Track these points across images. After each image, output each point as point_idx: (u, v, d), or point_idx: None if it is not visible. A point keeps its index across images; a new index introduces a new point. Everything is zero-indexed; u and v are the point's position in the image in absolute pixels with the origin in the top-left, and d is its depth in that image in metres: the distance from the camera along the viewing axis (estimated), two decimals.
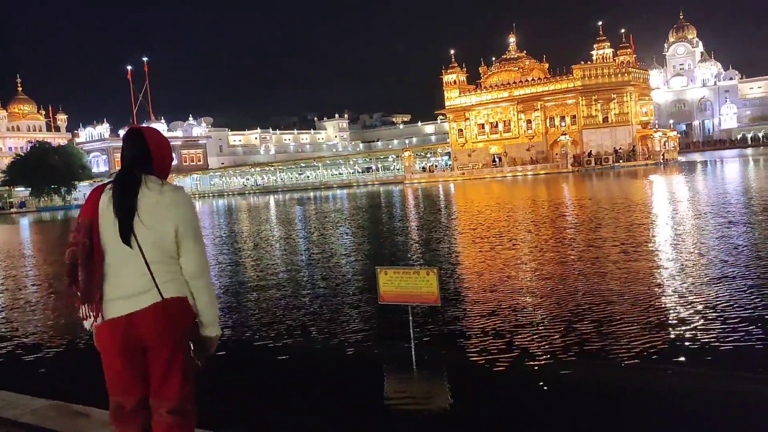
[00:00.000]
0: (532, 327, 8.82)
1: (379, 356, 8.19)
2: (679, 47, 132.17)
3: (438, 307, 8.66)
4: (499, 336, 8.50)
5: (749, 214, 20.19)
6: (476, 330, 8.92)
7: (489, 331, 8.75)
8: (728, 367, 6.90)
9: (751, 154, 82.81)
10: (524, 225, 22.59)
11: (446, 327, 9.17)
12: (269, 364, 8.33)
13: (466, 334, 8.79)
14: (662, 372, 6.96)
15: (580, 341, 8.03)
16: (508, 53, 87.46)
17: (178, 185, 3.26)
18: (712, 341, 7.67)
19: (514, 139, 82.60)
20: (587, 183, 49.29)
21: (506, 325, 8.99)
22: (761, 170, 46.92)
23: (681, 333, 8.14)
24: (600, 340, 8.03)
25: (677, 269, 12.32)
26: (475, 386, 7.06)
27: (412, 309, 7.99)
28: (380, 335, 9.10)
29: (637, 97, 78.61)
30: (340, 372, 7.82)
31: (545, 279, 12.26)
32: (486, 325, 9.11)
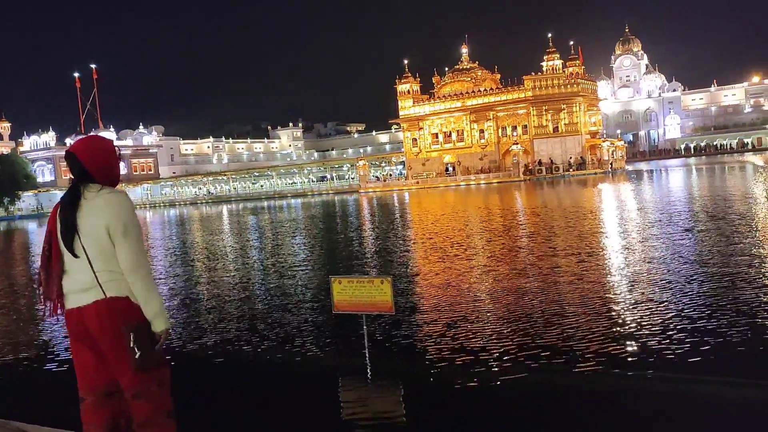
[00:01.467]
0: (487, 335, 8.86)
1: (333, 366, 8.10)
2: (625, 59, 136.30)
3: (393, 315, 8.63)
4: (454, 344, 8.51)
5: (694, 221, 20.84)
6: (431, 339, 8.91)
7: (444, 340, 8.76)
8: (679, 370, 7.06)
9: (693, 163, 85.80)
10: (478, 233, 22.81)
11: (401, 336, 9.14)
12: (219, 375, 8.15)
13: (422, 342, 8.78)
14: (616, 377, 7.08)
15: (534, 348, 8.10)
16: (461, 64, 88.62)
17: (118, 190, 3.40)
18: (663, 346, 7.85)
19: (468, 149, 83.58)
20: (539, 191, 50.18)
21: (461, 334, 9.01)
22: (703, 178, 48.60)
23: (634, 339, 8.31)
24: (555, 346, 8.12)
25: (629, 276, 12.60)
26: (430, 395, 7.04)
27: (366, 318, 7.94)
28: (334, 345, 9.02)
29: (586, 108, 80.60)
30: (293, 383, 7.70)
31: (500, 287, 12.37)
32: (441, 333, 9.12)
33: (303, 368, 8.13)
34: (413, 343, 8.76)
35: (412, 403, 6.81)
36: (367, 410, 6.75)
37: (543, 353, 7.86)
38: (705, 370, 7.01)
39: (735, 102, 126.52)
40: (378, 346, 8.56)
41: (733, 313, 8.97)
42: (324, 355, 8.56)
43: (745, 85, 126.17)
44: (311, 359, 8.38)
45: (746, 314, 8.85)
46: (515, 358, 7.78)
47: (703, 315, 9.01)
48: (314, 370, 8.06)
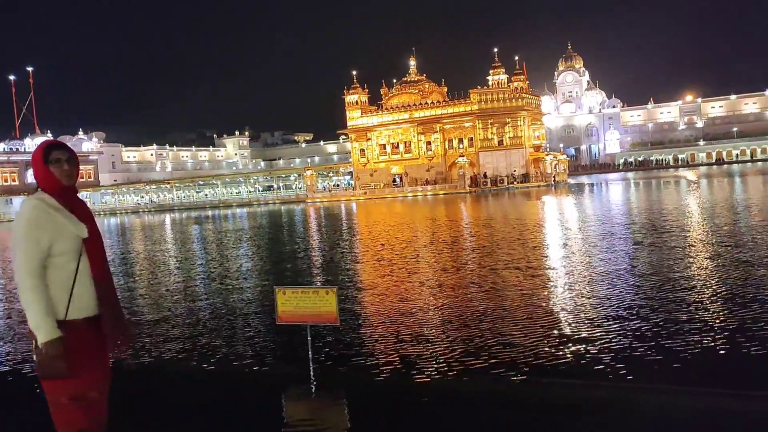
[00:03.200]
0: (432, 345, 8.89)
1: (277, 378, 7.97)
2: (567, 75, 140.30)
3: (338, 326, 8.56)
4: (399, 355, 8.50)
5: (633, 232, 21.51)
6: (377, 349, 8.88)
7: (389, 351, 8.74)
8: (621, 379, 7.23)
9: (631, 177, 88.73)
10: (424, 245, 22.96)
11: (346, 347, 9.08)
12: (157, 389, 7.90)
13: (367, 354, 8.74)
14: (557, 386, 7.20)
15: (479, 357, 8.17)
16: (409, 76, 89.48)
17: (28, 197, 3.38)
18: (604, 355, 8.03)
19: (415, 160, 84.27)
20: (484, 203, 50.95)
21: (407, 344, 9.01)
22: (641, 192, 50.30)
23: (574, 348, 8.47)
24: (499, 355, 8.21)
25: (571, 286, 12.88)
26: (375, 407, 6.99)
27: (311, 329, 7.85)
28: (278, 356, 8.88)
29: (530, 122, 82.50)
30: (236, 396, 7.53)
31: (445, 297, 12.45)
32: (386, 344, 9.10)
33: (245, 380, 7.97)
34: (358, 355, 8.71)
35: (357, 414, 6.76)
36: (310, 422, 6.65)
37: (486, 362, 7.93)
38: (642, 377, 7.21)
39: (670, 119, 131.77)
40: (323, 357, 8.48)
41: (672, 321, 9.27)
42: (267, 367, 8.41)
43: (680, 103, 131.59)
44: (254, 371, 8.23)
45: (683, 322, 9.16)
46: (460, 367, 7.82)
47: (645, 325, 9.27)
48: (257, 382, 7.91)
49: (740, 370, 7.36)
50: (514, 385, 7.22)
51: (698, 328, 8.85)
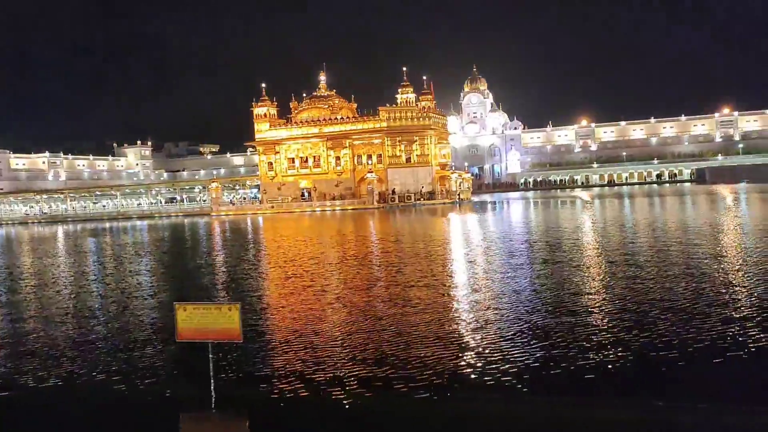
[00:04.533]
0: (336, 362, 8.93)
1: (175, 396, 7.76)
2: (472, 97, 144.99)
3: (240, 343, 8.46)
4: (304, 373, 8.49)
5: (531, 249, 22.46)
6: (281, 367, 8.83)
7: (292, 367, 8.71)
8: (514, 391, 7.55)
9: (531, 196, 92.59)
10: (331, 260, 22.98)
11: (249, 364, 8.97)
12: (54, 406, 7.50)
13: (270, 371, 8.67)
14: (461, 400, 7.42)
15: (382, 373, 8.29)
16: (319, 91, 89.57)
17: None
18: (505, 367, 8.36)
19: (324, 175, 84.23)
20: (392, 219, 51.63)
21: (312, 362, 9.01)
22: (540, 211, 52.57)
23: (479, 363, 8.77)
24: (402, 370, 8.36)
25: (474, 301, 13.30)
26: (277, 425, 6.96)
27: (212, 346, 7.71)
28: (177, 375, 8.65)
29: (436, 141, 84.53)
30: (132, 415, 7.27)
31: (350, 313, 12.54)
32: (289, 360, 9.07)
33: (142, 399, 7.70)
34: (262, 372, 8.63)
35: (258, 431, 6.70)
36: None
37: (388, 378, 8.07)
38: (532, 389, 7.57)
39: (567, 142, 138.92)
40: (224, 374, 8.33)
41: (574, 338, 9.78)
42: (165, 385, 8.17)
43: (576, 127, 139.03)
44: (151, 390, 7.97)
45: (579, 338, 9.70)
46: (364, 383, 7.91)
47: (544, 339, 9.73)
48: (154, 401, 7.67)
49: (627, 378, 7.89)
50: (418, 401, 7.39)
51: (599, 343, 9.40)
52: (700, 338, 9.25)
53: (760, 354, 8.50)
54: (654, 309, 11.31)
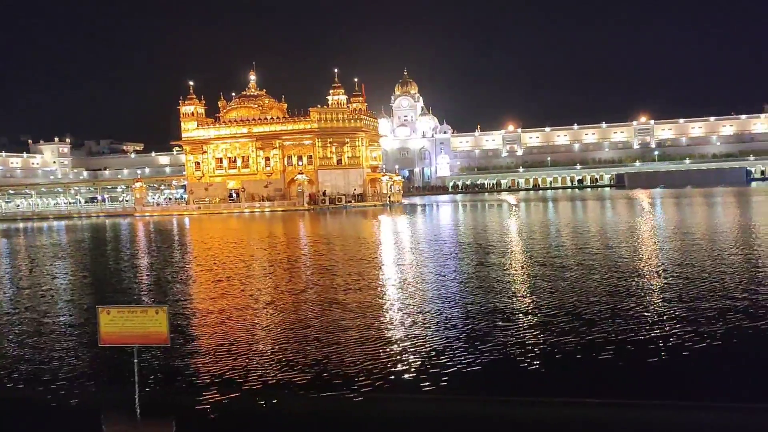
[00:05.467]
0: (266, 367, 8.78)
1: (98, 404, 7.43)
2: (403, 100, 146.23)
3: (168, 347, 8.18)
4: (232, 377, 8.30)
5: (461, 251, 22.82)
6: (208, 372, 8.60)
7: (222, 373, 8.51)
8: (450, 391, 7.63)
9: (460, 199, 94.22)
10: (261, 263, 22.64)
11: (176, 368, 8.69)
12: None
13: (198, 376, 8.43)
14: (392, 400, 7.43)
15: (313, 377, 8.21)
16: (248, 90, 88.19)
17: None
18: (435, 368, 8.43)
19: (253, 176, 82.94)
20: (323, 221, 51.38)
21: (240, 366, 8.83)
22: (468, 213, 53.56)
23: (409, 364, 8.80)
24: (333, 374, 8.31)
25: (403, 301, 13.38)
26: (205, 431, 6.77)
27: (138, 350, 7.43)
28: (100, 381, 8.28)
29: (368, 143, 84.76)
30: (52, 425, 6.90)
31: (280, 317, 12.37)
32: (219, 365, 8.85)
33: (63, 408, 7.33)
34: (189, 376, 8.38)
35: None
36: None
37: (320, 382, 8.00)
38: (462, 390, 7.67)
39: (494, 147, 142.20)
40: (150, 379, 8.04)
41: (502, 343, 9.97)
42: (87, 392, 7.81)
43: (503, 132, 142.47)
44: (72, 396, 7.60)
45: (501, 341, 9.90)
46: (293, 388, 7.81)
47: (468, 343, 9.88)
48: (76, 410, 7.31)
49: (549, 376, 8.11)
50: (350, 404, 7.35)
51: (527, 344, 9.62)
52: (621, 337, 9.64)
53: (670, 349, 8.92)
54: (572, 308, 11.70)
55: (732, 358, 8.64)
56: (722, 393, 7.40)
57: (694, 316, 10.70)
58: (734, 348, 9.02)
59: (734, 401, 7.10)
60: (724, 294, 12.55)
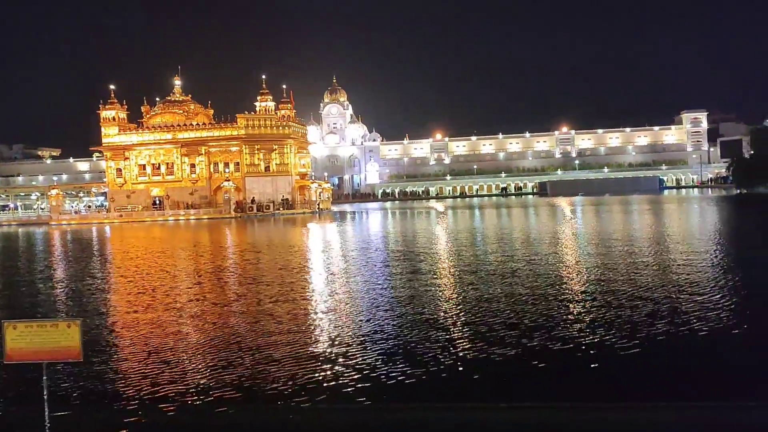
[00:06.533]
0: (190, 380, 8.51)
1: (5, 425, 6.98)
2: (332, 108, 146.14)
3: (81, 363, 7.79)
4: (152, 394, 7.99)
5: (389, 258, 22.91)
6: (126, 387, 8.25)
7: (141, 388, 8.17)
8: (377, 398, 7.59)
9: (389, 207, 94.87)
10: (185, 273, 22.02)
11: (91, 385, 8.29)
12: None
13: (115, 392, 8.07)
14: (325, 411, 7.33)
15: (239, 390, 8.01)
16: (173, 95, 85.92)
17: None
18: (361, 377, 8.38)
19: (177, 183, 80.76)
20: (250, 229, 50.55)
21: (161, 381, 8.51)
22: (397, 221, 53.93)
23: (332, 375, 8.72)
24: (261, 386, 8.13)
25: (334, 311, 13.27)
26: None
27: (47, 367, 7.02)
28: (4, 401, 7.79)
29: (296, 150, 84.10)
30: None
31: (205, 328, 12.04)
32: (138, 381, 8.50)
33: None
34: (104, 394, 8.00)
35: None
36: None
37: (246, 395, 7.81)
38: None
39: (423, 155, 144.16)
40: (60, 397, 7.63)
41: (433, 351, 10.02)
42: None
43: (431, 141, 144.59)
44: None
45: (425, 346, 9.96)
46: (217, 403, 7.59)
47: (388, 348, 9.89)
48: None
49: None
50: (279, 415, 7.21)
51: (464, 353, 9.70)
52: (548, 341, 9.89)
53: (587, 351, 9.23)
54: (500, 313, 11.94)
55: (658, 359, 9.01)
56: (653, 394, 7.69)
57: (619, 320, 11.10)
58: (659, 349, 9.40)
59: (664, 401, 7.39)
60: (643, 296, 13.10)
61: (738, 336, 10.04)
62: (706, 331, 10.19)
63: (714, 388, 7.83)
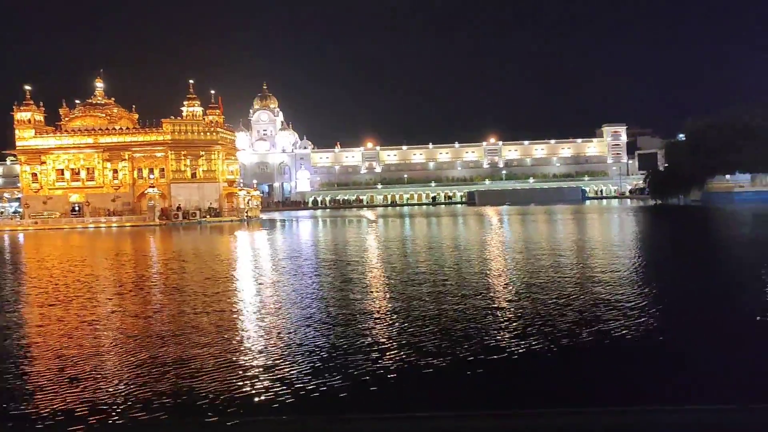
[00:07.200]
0: (107, 398, 8.04)
1: None
2: (262, 114, 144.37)
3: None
4: (65, 413, 7.50)
5: (319, 267, 22.64)
6: (28, 408, 7.71)
7: (47, 409, 7.66)
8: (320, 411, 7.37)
9: (320, 215, 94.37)
10: (103, 282, 21.07)
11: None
12: None
13: (16, 414, 7.52)
14: (252, 423, 7.04)
15: (163, 406, 7.63)
16: (95, 98, 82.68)
17: None
18: (289, 388, 8.13)
19: (99, 189, 77.63)
20: (175, 237, 49.06)
21: (74, 399, 8.00)
22: (328, 229, 53.63)
23: (264, 386, 8.43)
24: (186, 401, 7.78)
25: (262, 322, 12.92)
26: None
27: None
28: None
29: (224, 156, 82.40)
30: None
31: (125, 341, 11.48)
32: (42, 401, 7.96)
33: None
34: (5, 417, 7.45)
35: None
36: None
37: (170, 412, 7.45)
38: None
39: (354, 163, 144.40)
40: None
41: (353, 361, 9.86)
42: None
43: (362, 149, 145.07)
44: None
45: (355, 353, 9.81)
46: (128, 421, 7.20)
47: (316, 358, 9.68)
48: None
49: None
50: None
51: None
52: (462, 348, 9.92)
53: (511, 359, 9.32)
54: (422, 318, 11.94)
55: (581, 363, 9.17)
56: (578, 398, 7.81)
57: (546, 326, 11.28)
58: (584, 352, 9.59)
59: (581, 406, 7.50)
60: (567, 301, 13.40)
61: (652, 341, 10.39)
62: (620, 333, 10.49)
63: (622, 392, 8.03)
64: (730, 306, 13.35)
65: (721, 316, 12.30)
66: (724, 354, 9.62)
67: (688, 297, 14.63)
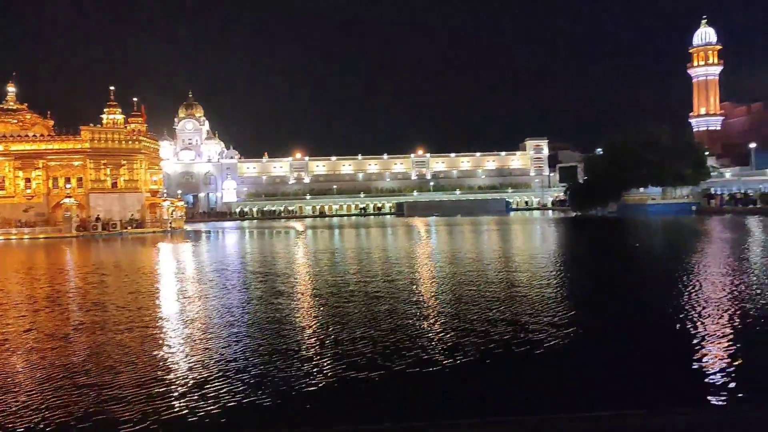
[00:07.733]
0: (16, 417, 7.57)
1: None
2: (188, 123, 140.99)
3: None
4: None
5: (246, 280, 22.19)
6: None
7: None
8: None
9: (247, 226, 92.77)
10: (10, 298, 19.93)
11: None
12: None
13: None
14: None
15: (80, 421, 7.25)
16: (6, 103, 78.56)
17: None
18: (211, 403, 7.89)
19: (9, 198, 73.56)
20: (94, 250, 47.01)
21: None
22: (254, 240, 52.74)
23: (193, 401, 8.15)
24: (107, 419, 7.41)
25: (187, 338, 12.52)
26: None
27: None
28: None
29: (147, 166, 79.83)
30: None
31: (39, 363, 10.87)
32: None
33: None
34: None
35: None
36: None
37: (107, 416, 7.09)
38: None
39: (282, 174, 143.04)
40: None
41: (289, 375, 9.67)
42: None
43: (290, 159, 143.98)
44: None
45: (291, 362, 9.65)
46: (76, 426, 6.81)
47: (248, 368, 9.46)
48: None
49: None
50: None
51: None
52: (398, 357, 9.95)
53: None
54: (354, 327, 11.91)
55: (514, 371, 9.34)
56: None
57: (476, 334, 11.44)
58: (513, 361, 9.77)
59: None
60: (495, 308, 13.66)
61: (571, 345, 10.73)
62: (542, 338, 10.78)
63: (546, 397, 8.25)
64: (640, 312, 13.95)
65: (628, 319, 12.84)
66: (627, 359, 10.04)
67: (598, 295, 15.20)
